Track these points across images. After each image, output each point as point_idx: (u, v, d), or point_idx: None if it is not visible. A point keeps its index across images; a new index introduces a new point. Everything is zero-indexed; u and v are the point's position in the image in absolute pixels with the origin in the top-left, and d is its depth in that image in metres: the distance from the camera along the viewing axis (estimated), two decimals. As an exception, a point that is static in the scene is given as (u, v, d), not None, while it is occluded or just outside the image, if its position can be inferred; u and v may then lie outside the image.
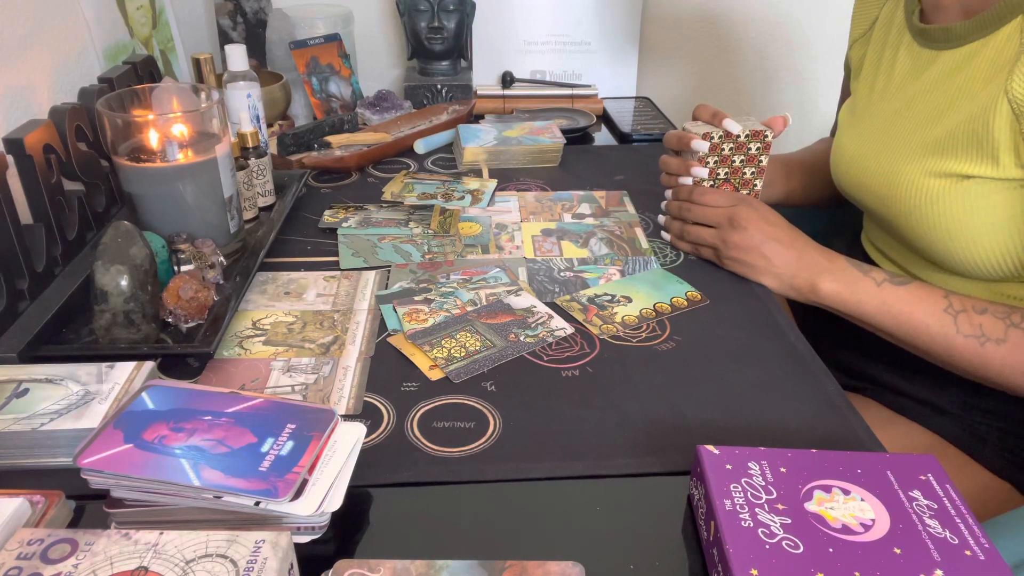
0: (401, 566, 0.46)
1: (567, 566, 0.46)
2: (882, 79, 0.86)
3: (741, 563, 0.46)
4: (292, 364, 0.71)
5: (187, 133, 0.81)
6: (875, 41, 0.90)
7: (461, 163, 1.14)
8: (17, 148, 0.73)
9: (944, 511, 0.50)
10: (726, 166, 0.86)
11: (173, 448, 0.50)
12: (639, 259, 0.89)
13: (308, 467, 0.50)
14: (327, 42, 1.30)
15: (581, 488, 0.58)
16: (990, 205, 0.71)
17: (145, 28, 1.17)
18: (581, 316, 0.78)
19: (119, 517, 0.51)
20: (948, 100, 0.74)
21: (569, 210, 1.01)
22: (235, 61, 0.97)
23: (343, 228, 0.95)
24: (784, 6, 1.52)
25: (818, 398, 0.68)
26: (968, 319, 0.69)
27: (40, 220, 0.77)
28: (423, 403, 0.66)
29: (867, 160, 0.82)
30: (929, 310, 0.71)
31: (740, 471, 0.53)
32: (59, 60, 0.95)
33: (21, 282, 0.73)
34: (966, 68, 0.73)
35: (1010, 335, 0.68)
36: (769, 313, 0.79)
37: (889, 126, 0.81)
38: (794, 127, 1.58)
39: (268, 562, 0.43)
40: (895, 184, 0.76)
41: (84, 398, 0.59)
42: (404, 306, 0.79)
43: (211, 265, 0.78)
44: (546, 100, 1.41)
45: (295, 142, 1.13)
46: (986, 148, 0.69)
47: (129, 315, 0.69)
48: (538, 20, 1.43)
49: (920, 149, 0.75)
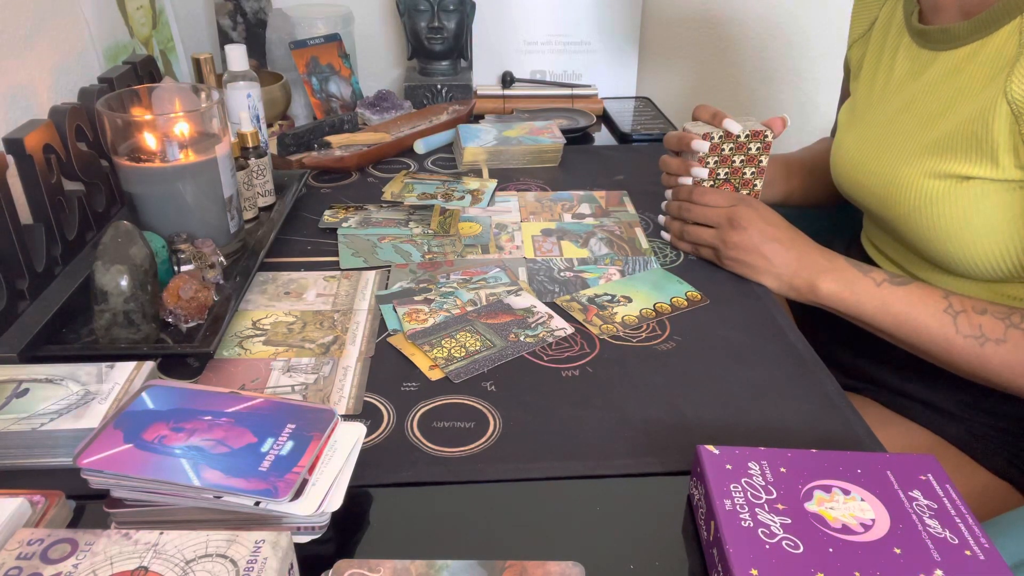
0: (401, 566, 0.46)
1: (567, 566, 0.46)
2: (881, 80, 0.86)
3: (741, 563, 0.46)
4: (292, 364, 0.71)
5: (187, 133, 0.81)
6: (874, 42, 0.90)
7: (461, 163, 1.14)
8: (17, 148, 0.73)
9: (944, 511, 0.50)
10: (726, 166, 0.86)
11: (173, 448, 0.50)
12: (639, 259, 0.89)
13: (308, 467, 0.50)
14: (327, 42, 1.30)
15: (581, 488, 0.58)
16: (990, 206, 0.71)
17: (145, 28, 1.17)
18: (581, 316, 0.78)
19: (119, 517, 0.51)
20: (947, 101, 0.74)
21: (569, 210, 1.01)
22: (235, 61, 0.97)
23: (343, 228, 0.95)
24: (784, 6, 1.52)
25: (818, 398, 0.68)
26: (968, 319, 0.69)
27: (40, 220, 0.77)
28: (423, 403, 0.66)
29: (867, 161, 0.82)
30: (929, 311, 0.71)
31: (740, 471, 0.53)
32: (59, 60, 0.95)
33: (21, 282, 0.73)
34: (965, 69, 0.73)
35: (1010, 335, 0.68)
36: (769, 313, 0.79)
37: (888, 127, 0.81)
38: (794, 127, 1.58)
39: (268, 562, 0.43)
40: (895, 185, 0.76)
41: (84, 398, 0.59)
42: (404, 306, 0.79)
43: (211, 265, 0.78)
44: (546, 100, 1.41)
45: (295, 142, 1.13)
46: (985, 149, 0.69)
47: (129, 315, 0.69)
48: (538, 20, 1.43)
49: (920, 150, 0.75)
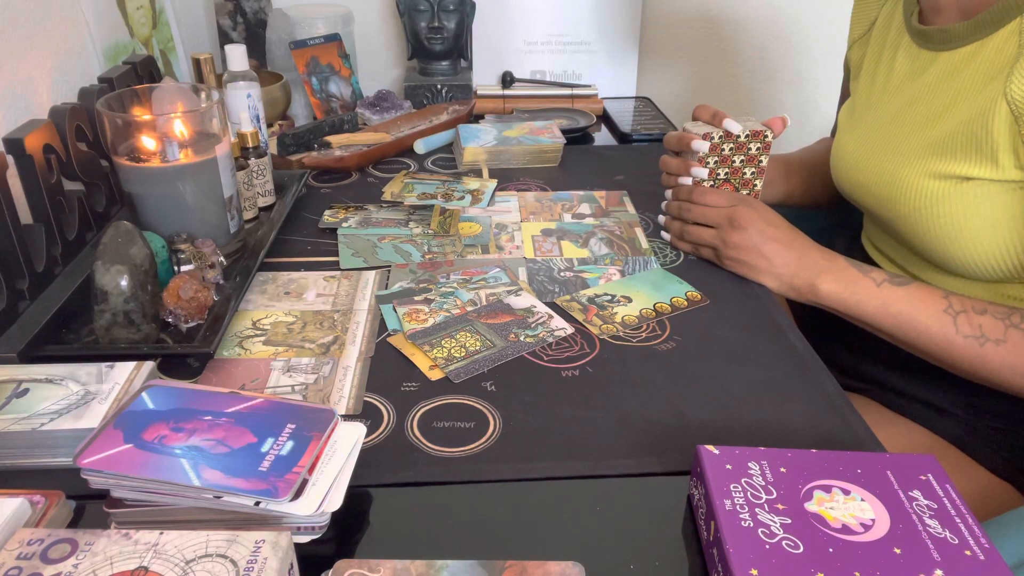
0: (401, 566, 0.46)
1: (567, 566, 0.46)
2: (881, 80, 0.86)
3: (741, 563, 0.46)
4: (292, 364, 0.71)
5: (187, 133, 0.81)
6: (874, 42, 0.90)
7: (461, 163, 1.14)
8: (17, 148, 0.73)
9: (944, 511, 0.50)
10: (726, 166, 0.86)
11: (173, 448, 0.50)
12: (639, 259, 0.89)
13: (308, 467, 0.50)
14: (327, 42, 1.30)
15: (581, 488, 0.58)
16: (990, 207, 0.71)
17: (145, 28, 1.17)
18: (581, 316, 0.78)
19: (119, 517, 0.50)
20: (947, 101, 0.74)
21: (569, 210, 1.01)
22: (235, 61, 0.97)
23: (343, 228, 0.95)
24: (785, 6, 1.52)
25: (818, 398, 0.68)
26: (968, 320, 0.69)
27: (40, 220, 0.77)
28: (423, 403, 0.66)
29: (867, 161, 0.82)
30: (929, 311, 0.71)
31: (740, 471, 0.53)
32: (59, 60, 0.95)
33: (21, 282, 0.73)
34: (965, 69, 0.73)
35: (1010, 335, 0.68)
36: (769, 313, 0.79)
37: (888, 127, 0.81)
38: (794, 127, 1.58)
39: (268, 562, 0.43)
40: (895, 185, 0.76)
41: (84, 398, 0.59)
42: (404, 306, 0.79)
43: (211, 265, 0.78)
44: (546, 100, 1.41)
45: (295, 142, 1.13)
46: (985, 150, 0.69)
47: (129, 315, 0.69)
48: (538, 20, 1.43)
49: (920, 151, 0.75)
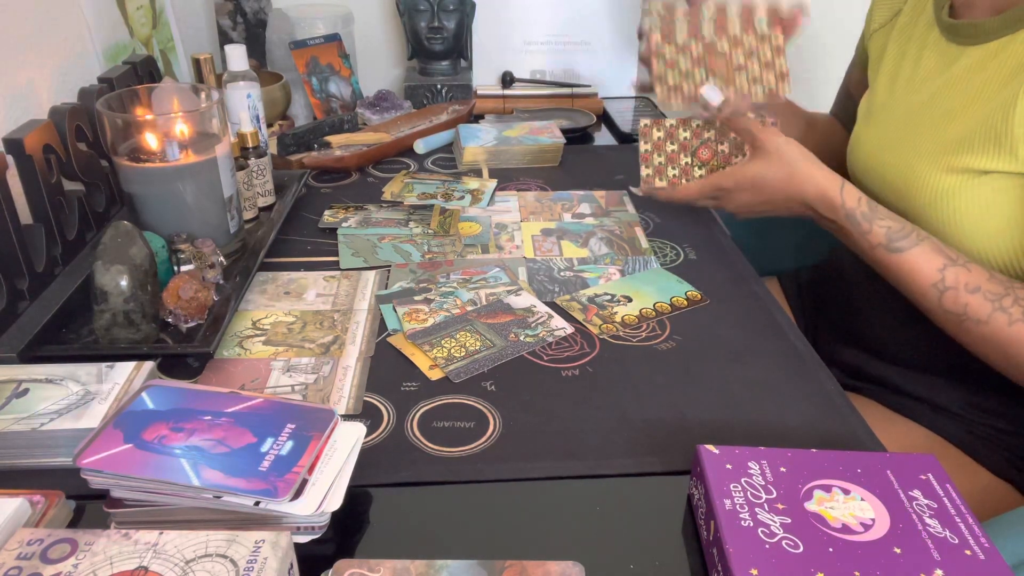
0: (401, 566, 0.46)
1: (567, 566, 0.46)
2: (905, 74, 0.85)
3: (741, 563, 0.46)
4: (292, 364, 0.71)
5: (187, 133, 0.81)
6: (898, 34, 0.89)
7: (461, 163, 1.14)
8: (17, 148, 0.73)
9: (944, 511, 0.50)
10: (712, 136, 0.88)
11: (173, 448, 0.50)
12: (639, 259, 0.89)
13: (308, 467, 0.50)
14: (327, 42, 1.30)
15: (581, 488, 0.58)
16: (1007, 201, 0.70)
17: (145, 28, 1.17)
18: (581, 316, 0.78)
19: (119, 517, 0.51)
20: (970, 96, 0.73)
21: (569, 210, 1.01)
22: (235, 61, 0.98)
23: (343, 228, 0.95)
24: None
25: (818, 398, 0.68)
26: (955, 298, 0.69)
27: (40, 220, 0.77)
28: (423, 403, 0.66)
29: (885, 154, 0.82)
30: (916, 283, 0.72)
31: (740, 471, 0.53)
32: (59, 60, 0.95)
33: (21, 282, 0.73)
34: (990, 64, 0.72)
35: (993, 318, 0.67)
36: (769, 313, 0.79)
37: (910, 121, 0.80)
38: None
39: (268, 562, 0.43)
40: (913, 178, 0.76)
41: (84, 398, 0.59)
42: (404, 306, 0.79)
43: (211, 265, 0.78)
44: (546, 100, 1.41)
45: (295, 142, 1.13)
46: (1005, 143, 0.68)
47: (129, 315, 0.69)
48: (538, 20, 1.43)
49: (939, 145, 0.74)
